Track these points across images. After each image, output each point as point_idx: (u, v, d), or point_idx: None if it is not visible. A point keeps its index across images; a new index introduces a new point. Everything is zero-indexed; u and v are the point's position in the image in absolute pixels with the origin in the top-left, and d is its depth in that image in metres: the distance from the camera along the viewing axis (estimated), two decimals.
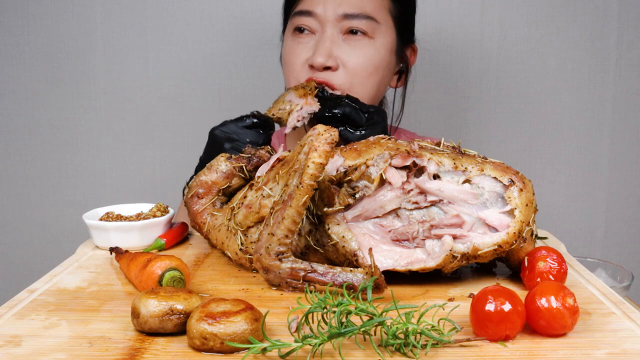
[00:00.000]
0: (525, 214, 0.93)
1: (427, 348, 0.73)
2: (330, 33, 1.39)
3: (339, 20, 1.39)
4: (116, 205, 1.24)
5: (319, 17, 1.39)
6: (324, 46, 1.37)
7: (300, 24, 1.41)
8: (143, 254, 0.98)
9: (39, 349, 0.75)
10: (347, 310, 0.74)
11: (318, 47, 1.38)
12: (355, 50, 1.39)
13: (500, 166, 0.96)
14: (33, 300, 0.90)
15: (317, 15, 1.39)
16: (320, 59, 1.36)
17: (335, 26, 1.39)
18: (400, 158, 0.95)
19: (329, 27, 1.39)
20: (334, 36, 1.39)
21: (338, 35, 1.40)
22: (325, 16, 1.39)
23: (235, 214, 1.04)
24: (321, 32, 1.40)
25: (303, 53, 1.41)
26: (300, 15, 1.41)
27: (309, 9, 1.40)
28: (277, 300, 0.91)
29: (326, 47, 1.37)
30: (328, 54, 1.37)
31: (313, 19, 1.40)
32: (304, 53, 1.40)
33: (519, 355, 0.73)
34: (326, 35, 1.39)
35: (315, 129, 0.91)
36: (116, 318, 0.84)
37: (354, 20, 1.38)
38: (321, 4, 1.39)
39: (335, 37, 1.39)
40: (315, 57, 1.36)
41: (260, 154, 1.11)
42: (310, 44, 1.41)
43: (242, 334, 0.72)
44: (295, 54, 1.42)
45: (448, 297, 0.92)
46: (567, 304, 0.77)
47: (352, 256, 0.94)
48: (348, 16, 1.38)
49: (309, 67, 1.39)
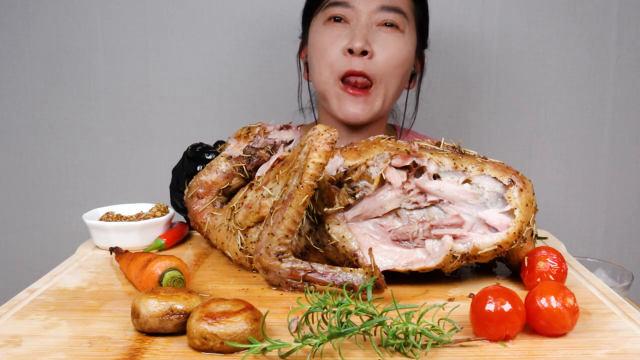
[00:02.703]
0: (525, 214, 0.93)
1: (427, 348, 0.73)
2: (366, 22, 1.42)
3: (375, 12, 1.42)
4: (116, 205, 1.24)
5: (355, 8, 1.42)
6: (362, 32, 1.40)
7: (336, 14, 1.43)
8: (143, 254, 0.98)
9: (39, 349, 0.75)
10: (347, 310, 0.74)
11: (355, 33, 1.40)
12: (387, 42, 1.42)
13: (500, 166, 0.96)
14: (33, 300, 0.90)
15: (353, 7, 1.42)
16: (359, 43, 1.38)
17: (370, 17, 1.42)
18: (400, 158, 0.95)
19: (365, 17, 1.42)
20: (369, 25, 1.42)
21: (372, 26, 1.43)
22: (361, 7, 1.42)
23: (235, 214, 1.04)
24: (357, 21, 1.42)
25: (339, 41, 1.42)
26: (335, 5, 1.43)
27: (346, 0, 1.43)
28: (277, 300, 0.91)
29: (364, 33, 1.40)
30: (365, 40, 1.40)
31: (350, 9, 1.43)
32: (340, 41, 1.42)
33: (519, 355, 0.73)
34: (362, 23, 1.42)
35: (315, 129, 0.91)
36: (116, 318, 0.84)
37: (388, 13, 1.42)
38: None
39: (370, 27, 1.42)
40: (354, 42, 1.39)
41: (260, 154, 1.11)
42: (345, 33, 1.43)
43: (242, 334, 0.72)
44: (332, 41, 1.43)
45: (448, 297, 0.92)
46: (567, 304, 0.77)
47: (352, 256, 0.94)
48: (384, 8, 1.42)
49: (345, 53, 1.41)
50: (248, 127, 1.19)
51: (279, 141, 1.16)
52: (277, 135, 1.17)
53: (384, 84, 1.43)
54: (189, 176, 1.22)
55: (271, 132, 1.17)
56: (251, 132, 1.17)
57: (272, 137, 1.16)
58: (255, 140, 1.16)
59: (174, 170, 1.29)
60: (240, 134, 1.18)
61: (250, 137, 1.16)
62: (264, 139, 1.15)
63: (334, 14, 1.43)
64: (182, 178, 1.24)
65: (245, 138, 1.16)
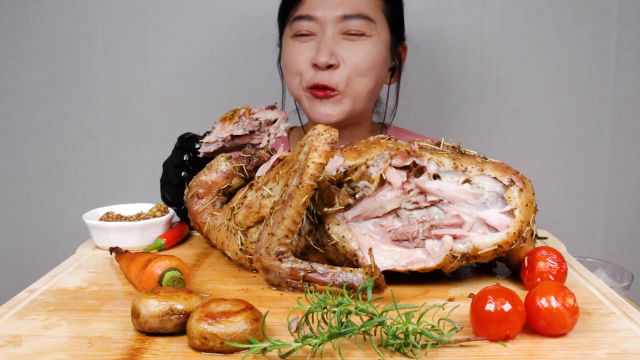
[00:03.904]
0: (525, 214, 0.93)
1: (427, 348, 0.73)
2: (331, 33, 1.43)
3: (338, 22, 1.43)
4: (116, 205, 1.24)
5: (319, 20, 1.44)
6: (327, 46, 1.42)
7: (301, 29, 1.46)
8: (143, 254, 0.98)
9: (39, 349, 0.75)
10: (347, 310, 0.74)
11: (320, 47, 1.43)
12: (354, 48, 1.44)
13: (500, 166, 0.96)
14: (33, 300, 0.90)
15: (317, 19, 1.44)
16: (323, 58, 1.41)
17: (334, 27, 1.43)
18: (400, 158, 0.95)
19: (329, 28, 1.43)
20: (334, 36, 1.44)
21: (337, 35, 1.44)
22: (325, 19, 1.43)
23: (235, 214, 1.04)
24: (321, 33, 1.44)
25: (305, 53, 1.45)
26: (300, 19, 1.46)
27: (309, 14, 1.44)
28: (277, 300, 0.91)
29: (328, 46, 1.42)
30: (330, 53, 1.42)
31: (313, 22, 1.44)
32: (307, 53, 1.45)
33: (519, 355, 0.73)
34: (327, 35, 1.43)
35: (315, 128, 0.91)
36: (116, 318, 0.84)
37: (351, 21, 1.43)
38: (320, 8, 1.43)
39: (335, 37, 1.44)
40: (318, 56, 1.41)
41: (260, 154, 1.11)
42: (312, 45, 1.45)
43: (242, 334, 0.72)
44: (298, 55, 1.46)
45: (448, 297, 0.92)
46: (567, 304, 0.77)
47: (352, 256, 0.94)
48: (346, 17, 1.43)
49: (312, 66, 1.44)
50: (233, 110, 1.20)
51: (263, 120, 1.18)
52: (261, 114, 1.18)
53: (353, 88, 1.45)
54: (176, 166, 1.22)
55: (256, 113, 1.18)
56: (236, 113, 1.18)
57: (256, 116, 1.18)
58: (241, 121, 1.17)
59: (164, 164, 1.29)
60: (225, 117, 1.19)
61: (235, 118, 1.17)
62: (249, 120, 1.16)
63: (299, 29, 1.46)
64: (170, 170, 1.24)
65: (231, 119, 1.18)
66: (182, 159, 1.22)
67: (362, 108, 1.50)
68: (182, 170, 1.22)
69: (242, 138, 1.19)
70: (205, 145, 1.19)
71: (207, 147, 1.19)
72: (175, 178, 1.22)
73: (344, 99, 1.45)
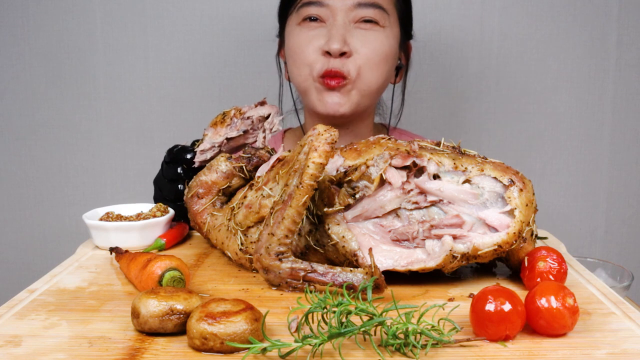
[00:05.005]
0: (525, 214, 0.93)
1: (427, 348, 0.73)
2: (343, 21, 1.38)
3: (351, 10, 1.38)
4: (116, 205, 1.24)
5: (330, 7, 1.39)
6: (339, 32, 1.37)
7: (311, 14, 1.40)
8: (143, 254, 0.98)
9: (39, 349, 0.75)
10: (347, 310, 0.74)
11: (332, 34, 1.37)
12: (366, 38, 1.39)
13: (500, 166, 0.96)
14: (33, 300, 0.90)
15: (328, 5, 1.39)
16: (336, 45, 1.35)
17: (347, 15, 1.39)
18: (400, 158, 0.95)
19: (341, 15, 1.38)
20: (346, 24, 1.38)
21: (350, 24, 1.39)
22: (336, 6, 1.38)
23: (235, 214, 1.04)
24: (332, 20, 1.39)
25: (315, 41, 1.39)
26: (309, 5, 1.40)
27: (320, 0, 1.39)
28: (277, 300, 0.91)
29: (341, 33, 1.37)
30: (343, 40, 1.36)
31: (325, 8, 1.39)
32: (316, 41, 1.39)
33: (519, 355, 0.73)
34: (339, 22, 1.38)
35: (315, 128, 0.91)
36: (116, 318, 0.84)
37: (365, 9, 1.38)
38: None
39: (347, 25, 1.39)
40: (331, 43, 1.36)
41: (260, 154, 1.11)
42: (321, 32, 1.39)
43: (242, 334, 0.72)
44: (307, 43, 1.40)
45: (448, 297, 0.92)
46: (567, 304, 0.77)
47: (352, 256, 0.94)
48: (360, 5, 1.38)
49: (323, 54, 1.38)
50: (223, 112, 1.17)
51: (255, 118, 1.14)
52: (253, 112, 1.15)
53: (363, 80, 1.39)
54: (171, 181, 1.19)
55: (247, 112, 1.14)
56: (227, 115, 1.15)
57: (248, 115, 1.14)
58: (233, 122, 1.14)
59: (155, 181, 1.26)
60: (216, 121, 1.16)
61: (226, 121, 1.13)
62: (241, 120, 1.13)
63: (308, 14, 1.40)
64: (164, 186, 1.21)
65: (222, 123, 1.14)
66: (177, 172, 1.18)
67: (366, 104, 1.46)
68: (177, 184, 1.19)
69: (236, 139, 1.16)
70: (201, 153, 1.16)
71: (203, 155, 1.16)
72: (172, 193, 1.20)
73: (353, 90, 1.40)
